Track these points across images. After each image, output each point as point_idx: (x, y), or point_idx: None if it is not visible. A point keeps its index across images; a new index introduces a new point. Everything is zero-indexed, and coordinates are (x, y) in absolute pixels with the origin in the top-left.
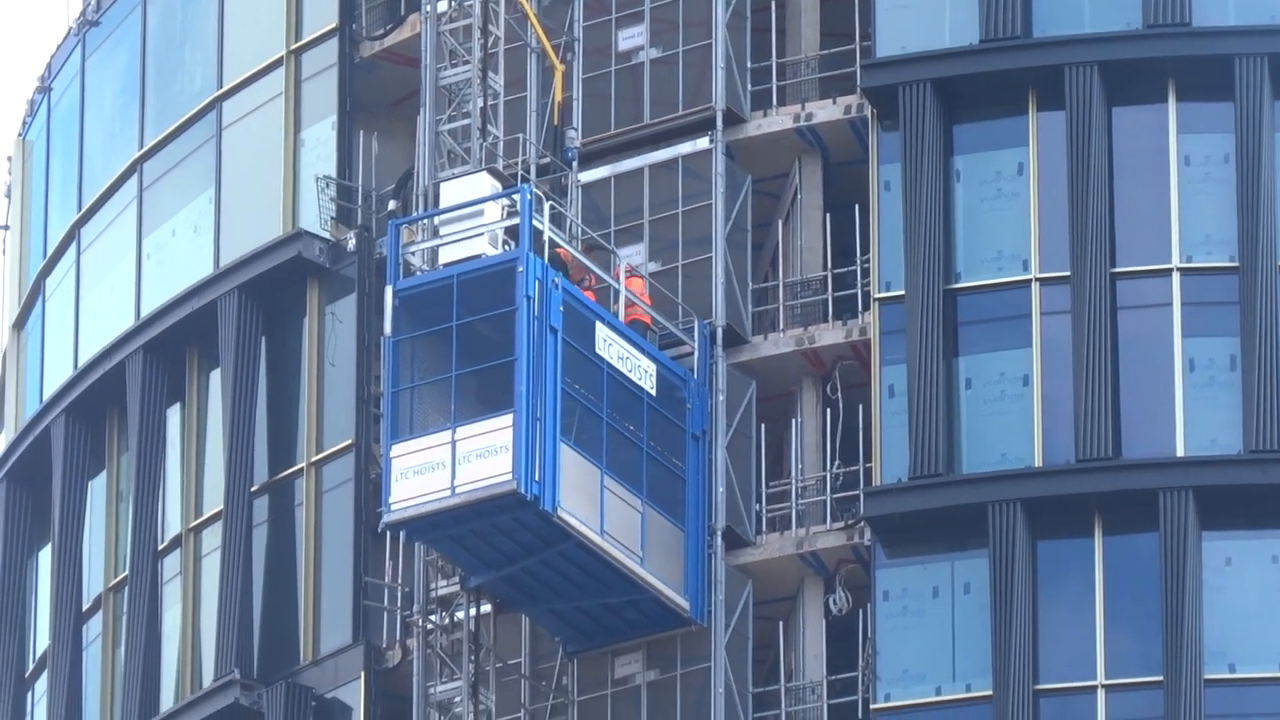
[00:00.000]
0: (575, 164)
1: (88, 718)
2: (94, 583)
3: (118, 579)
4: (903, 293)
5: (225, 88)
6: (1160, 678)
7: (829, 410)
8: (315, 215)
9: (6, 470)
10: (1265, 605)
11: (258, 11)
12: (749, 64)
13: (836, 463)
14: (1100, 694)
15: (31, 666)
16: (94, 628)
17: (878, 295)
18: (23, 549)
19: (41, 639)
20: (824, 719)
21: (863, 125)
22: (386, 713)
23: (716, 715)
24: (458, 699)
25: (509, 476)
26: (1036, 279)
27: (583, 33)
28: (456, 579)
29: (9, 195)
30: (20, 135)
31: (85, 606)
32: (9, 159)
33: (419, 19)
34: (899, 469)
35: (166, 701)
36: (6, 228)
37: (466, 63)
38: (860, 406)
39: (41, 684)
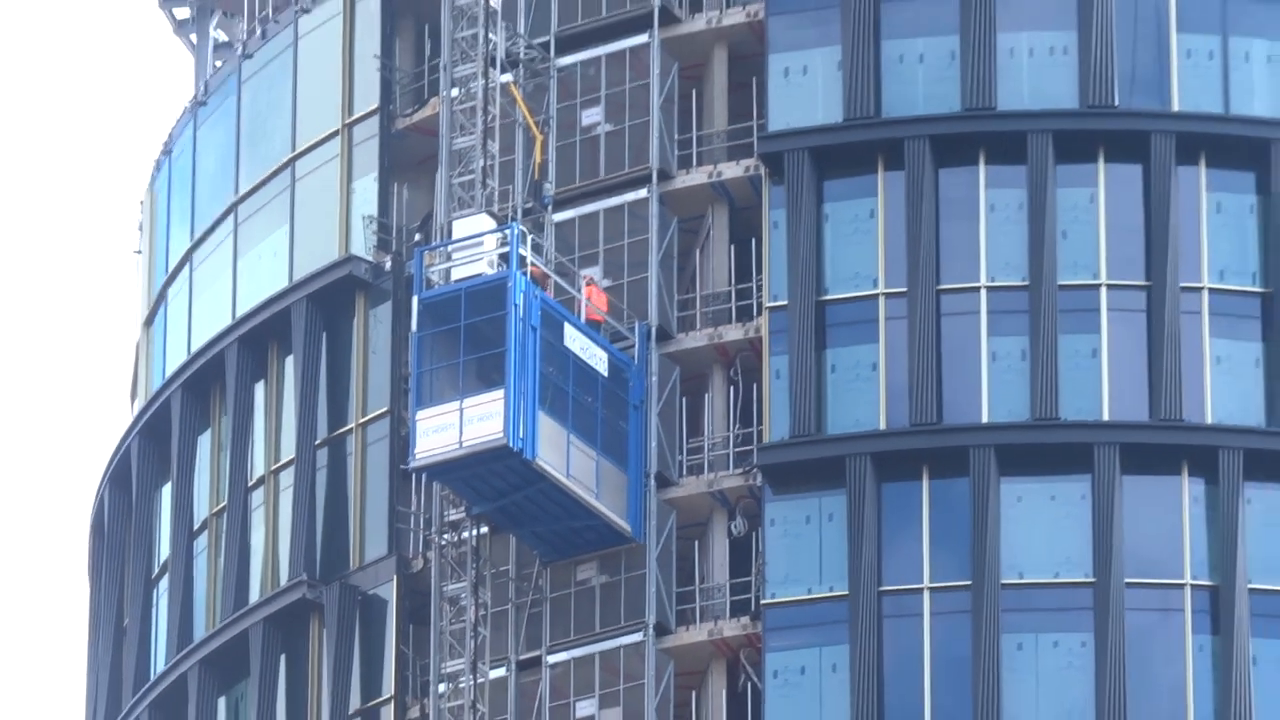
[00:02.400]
0: (550, 208)
1: (196, 608)
2: (201, 510)
3: (218, 507)
4: (786, 303)
5: (297, 150)
6: (969, 582)
7: (732, 388)
8: (362, 244)
9: (139, 428)
10: (1045, 531)
11: (321, 95)
12: (676, 135)
13: (737, 426)
14: (926, 593)
15: (156, 570)
16: (201, 543)
17: (768, 304)
18: (150, 485)
19: (163, 551)
20: (727, 612)
21: (758, 181)
22: (412, 605)
23: (649, 609)
24: (463, 595)
25: (500, 434)
26: (882, 293)
27: (556, 112)
28: (463, 508)
29: (141, 229)
30: (149, 187)
31: (195, 527)
32: (141, 203)
33: (438, 101)
34: (782, 430)
35: (254, 596)
36: (139, 252)
37: (472, 134)
38: (755, 385)
39: (164, 584)
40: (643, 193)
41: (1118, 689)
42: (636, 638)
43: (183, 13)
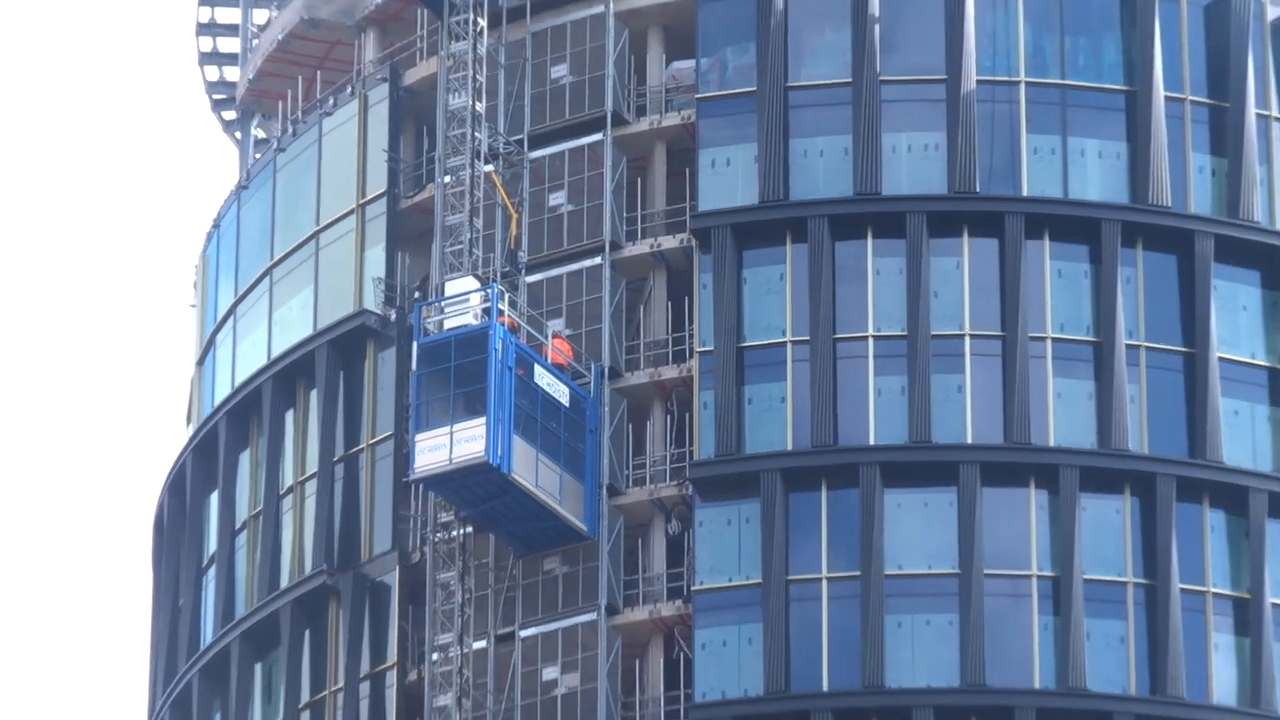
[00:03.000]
0: (523, 271)
1: (237, 592)
2: (241, 513)
3: (255, 511)
4: (712, 348)
5: (321, 225)
6: (859, 572)
7: (669, 416)
8: (373, 300)
9: (192, 448)
10: (919, 532)
11: (340, 180)
12: (624, 214)
13: (672, 447)
14: (824, 582)
15: (205, 562)
16: (241, 540)
17: (698, 349)
18: (201, 494)
19: (211, 546)
20: (665, 596)
21: (690, 251)
22: (411, 590)
23: (602, 594)
24: (452, 582)
25: (482, 453)
26: (789, 341)
27: (528, 195)
28: (452, 512)
29: (195, 287)
30: (201, 253)
31: (236, 527)
32: (195, 267)
33: (434, 186)
34: (709, 450)
35: (284, 582)
36: (194, 306)
37: (461, 212)
38: (687, 414)
39: (211, 572)
40: (597, 260)
41: (978, 659)
42: (591, 617)
43: (229, 115)
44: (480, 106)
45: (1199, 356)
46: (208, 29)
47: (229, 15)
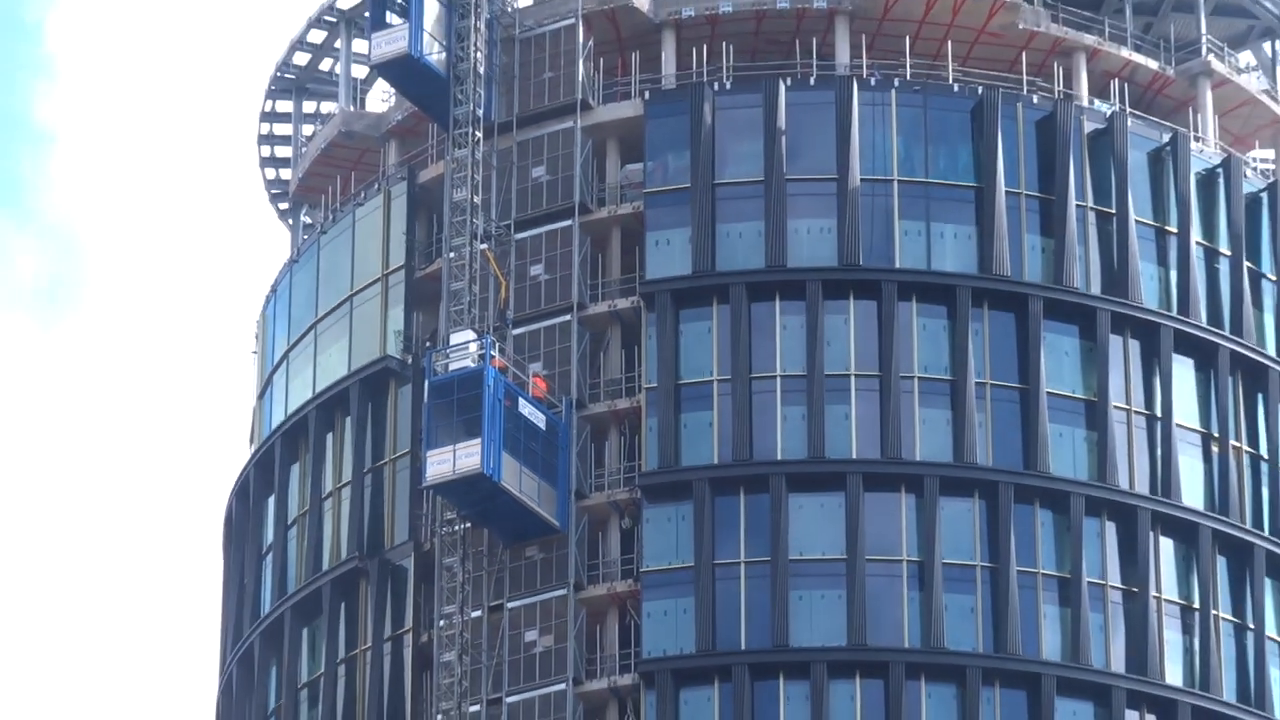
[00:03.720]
0: (510, 326)
1: (289, 573)
2: (292, 512)
3: (303, 511)
4: (656, 385)
5: (354, 290)
6: (769, 558)
7: (622, 438)
8: (394, 348)
9: (254, 462)
10: (816, 527)
11: (369, 255)
12: (588, 281)
13: (625, 461)
14: (742, 566)
15: (264, 550)
16: (293, 533)
17: (645, 386)
18: (261, 498)
19: (269, 537)
20: (619, 575)
21: (639, 310)
22: (424, 572)
23: (570, 574)
24: (455, 565)
25: (478, 466)
26: (716, 379)
27: (514, 267)
28: (454, 511)
29: (256, 338)
30: (261, 312)
31: (289, 522)
32: (256, 323)
33: (441, 260)
34: (654, 464)
35: (325, 565)
36: (255, 352)
37: (462, 280)
38: (636, 436)
39: (269, 558)
40: (567, 317)
41: (860, 624)
42: (562, 592)
43: (283, 205)
44: (477, 199)
45: (1031, 392)
46: (267, 140)
47: (284, 129)
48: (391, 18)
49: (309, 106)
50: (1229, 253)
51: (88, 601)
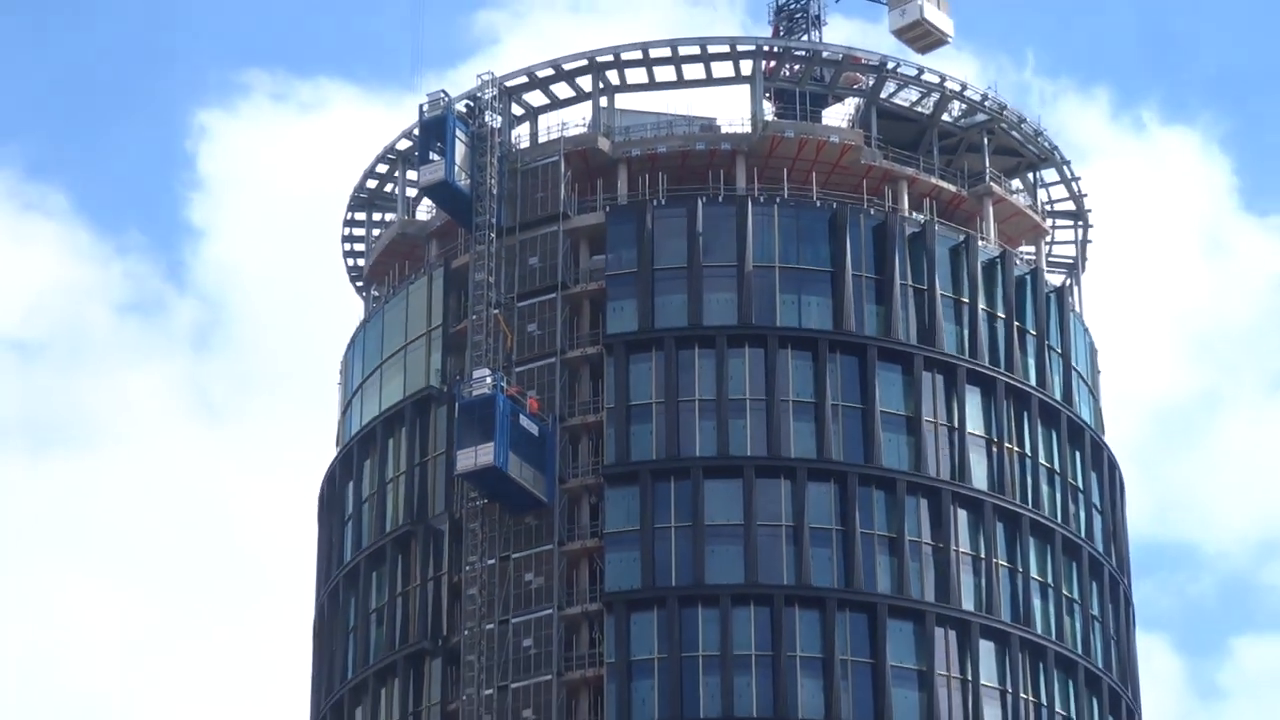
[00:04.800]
0: (514, 366)
1: (363, 534)
2: (365, 492)
3: (373, 492)
4: (614, 406)
5: (408, 341)
6: (691, 524)
7: (591, 441)
8: (435, 381)
9: (338, 458)
10: (725, 502)
11: (417, 318)
12: (569, 336)
13: (592, 458)
14: (673, 530)
15: (345, 518)
16: (366, 507)
17: (606, 406)
18: (344, 483)
19: (349, 510)
20: (589, 536)
21: (602, 356)
22: (455, 533)
23: (555, 535)
24: (477, 528)
25: (493, 461)
26: (654, 402)
27: (516, 325)
28: (476, 492)
29: (340, 374)
30: (343, 357)
31: (363, 499)
32: (340, 364)
33: (468, 321)
34: (611, 459)
35: (387, 528)
36: (339, 384)
37: (480, 334)
38: (599, 440)
39: (349, 525)
40: (553, 360)
41: (754, 569)
42: (549, 547)
43: (359, 284)
44: (491, 279)
45: (869, 410)
46: (348, 239)
47: (359, 231)
48: (433, 155)
49: (377, 216)
50: (1004, 316)
51: (219, 557)
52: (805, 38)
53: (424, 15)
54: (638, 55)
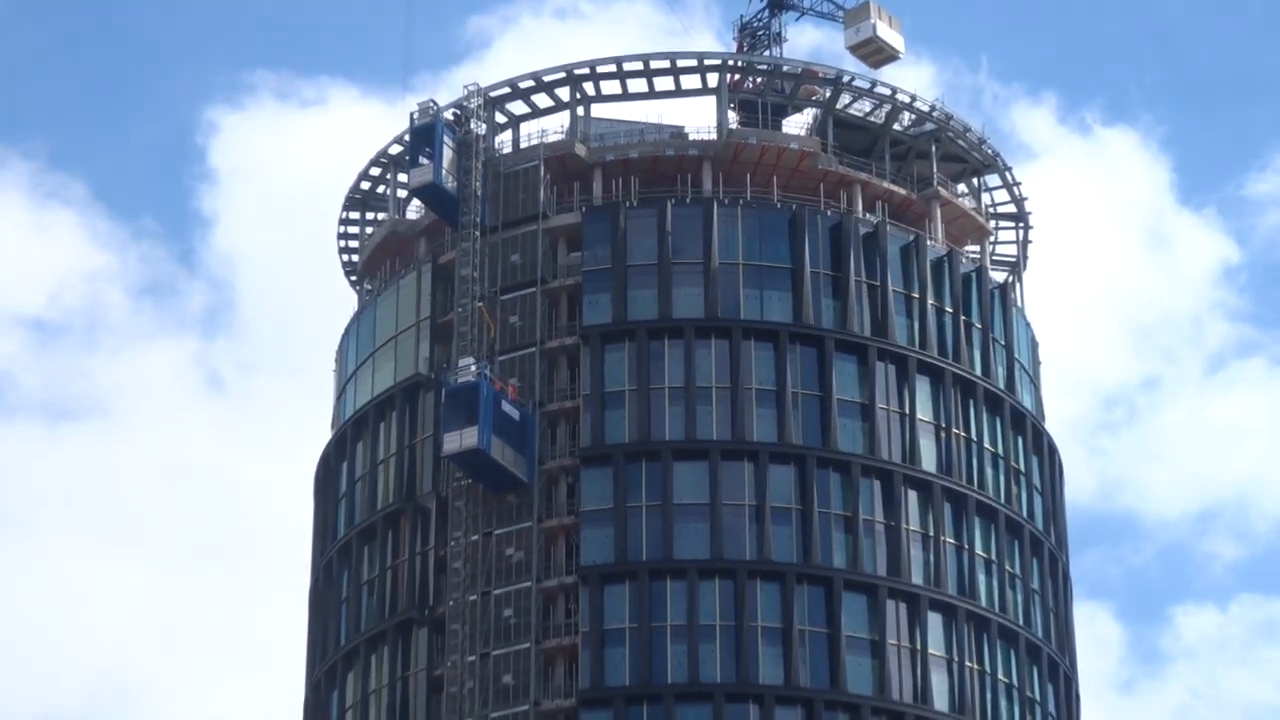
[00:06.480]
0: (497, 354)
1: (356, 510)
2: (358, 472)
3: (365, 472)
4: (589, 393)
5: (398, 331)
6: (660, 502)
7: (568, 425)
8: (424, 368)
9: (333, 440)
10: (692, 483)
11: (407, 310)
12: (548, 327)
13: (569, 441)
14: (644, 509)
15: (339, 496)
16: (359, 487)
17: (582, 393)
18: (338, 462)
19: (342, 488)
20: (566, 513)
21: (579, 345)
22: (441, 510)
23: (535, 513)
24: (462, 505)
25: (476, 442)
26: (627, 389)
27: (499, 318)
28: (461, 471)
29: (336, 362)
30: (338, 347)
31: (356, 478)
32: (336, 352)
33: (454, 313)
34: (587, 442)
35: (378, 505)
36: (335, 370)
37: (465, 325)
38: (576, 425)
39: (344, 503)
40: (533, 349)
41: (719, 545)
42: (529, 524)
43: (354, 278)
44: (476, 274)
45: (826, 398)
46: (343, 236)
47: (354, 229)
48: (422, 159)
49: (370, 215)
50: (951, 311)
51: (223, 529)
52: (767, 53)
53: (414, 22)
54: (612, 69)
